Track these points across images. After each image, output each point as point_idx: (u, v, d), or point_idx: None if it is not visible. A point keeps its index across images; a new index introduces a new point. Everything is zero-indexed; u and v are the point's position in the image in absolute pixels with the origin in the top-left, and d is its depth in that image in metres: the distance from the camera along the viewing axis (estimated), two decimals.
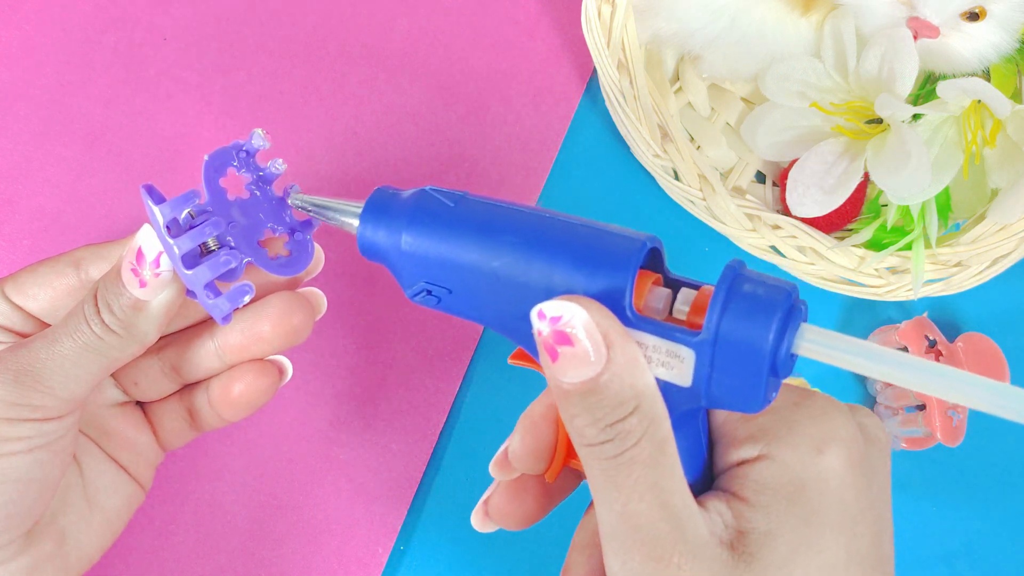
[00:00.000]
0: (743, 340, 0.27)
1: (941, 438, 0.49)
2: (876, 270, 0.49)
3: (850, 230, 0.53)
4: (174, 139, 0.52)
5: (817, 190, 0.49)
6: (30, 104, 0.52)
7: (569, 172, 0.54)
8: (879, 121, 0.48)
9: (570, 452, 0.32)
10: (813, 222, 0.50)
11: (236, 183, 0.35)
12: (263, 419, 0.49)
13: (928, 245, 0.49)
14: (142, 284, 0.33)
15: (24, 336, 0.36)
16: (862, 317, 0.54)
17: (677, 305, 0.29)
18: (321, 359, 0.50)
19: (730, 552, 0.27)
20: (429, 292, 0.31)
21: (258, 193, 0.35)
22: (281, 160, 0.36)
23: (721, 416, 0.30)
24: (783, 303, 0.27)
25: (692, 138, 0.54)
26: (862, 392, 0.53)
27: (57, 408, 0.33)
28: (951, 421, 0.49)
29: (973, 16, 0.46)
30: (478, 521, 0.34)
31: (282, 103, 0.53)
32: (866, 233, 0.50)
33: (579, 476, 0.34)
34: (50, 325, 0.36)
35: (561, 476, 0.34)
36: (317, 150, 0.52)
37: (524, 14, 0.55)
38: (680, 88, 0.55)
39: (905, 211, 0.49)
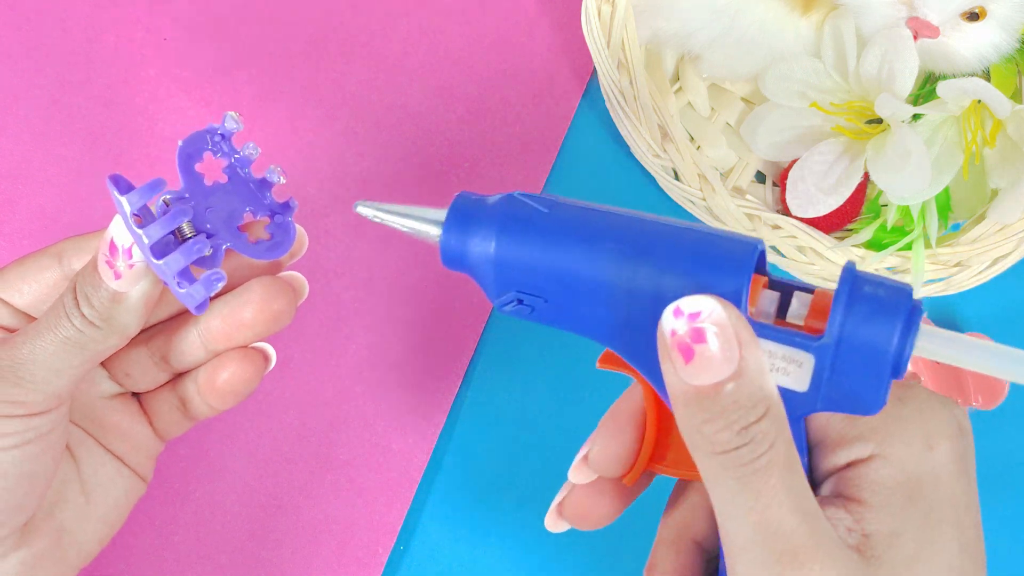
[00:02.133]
0: (867, 343, 0.26)
1: None
2: (876, 270, 0.49)
3: (850, 230, 0.53)
4: (174, 139, 0.52)
5: (817, 190, 0.49)
6: (30, 104, 0.52)
7: (569, 172, 0.54)
8: (879, 121, 0.48)
9: (654, 457, 0.32)
10: (813, 222, 0.50)
11: (215, 168, 0.35)
12: (263, 419, 0.49)
13: (928, 245, 0.49)
14: (117, 276, 0.33)
15: (11, 331, 0.36)
16: None
17: (794, 310, 0.28)
18: (321, 359, 0.50)
19: (859, 555, 0.27)
20: (521, 302, 0.30)
21: (240, 174, 0.35)
22: (253, 143, 0.35)
23: (822, 418, 0.30)
24: (905, 304, 0.26)
25: (692, 138, 0.54)
26: None
27: (42, 403, 0.33)
28: None
29: (973, 16, 0.46)
30: (552, 522, 0.34)
31: (282, 103, 0.53)
32: (866, 233, 0.50)
33: (651, 477, 0.34)
34: (36, 319, 0.35)
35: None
36: (317, 150, 0.52)
37: (524, 14, 0.55)
38: (680, 88, 0.55)
39: (905, 211, 0.49)
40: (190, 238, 0.33)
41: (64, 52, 0.52)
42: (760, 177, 0.55)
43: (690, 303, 0.26)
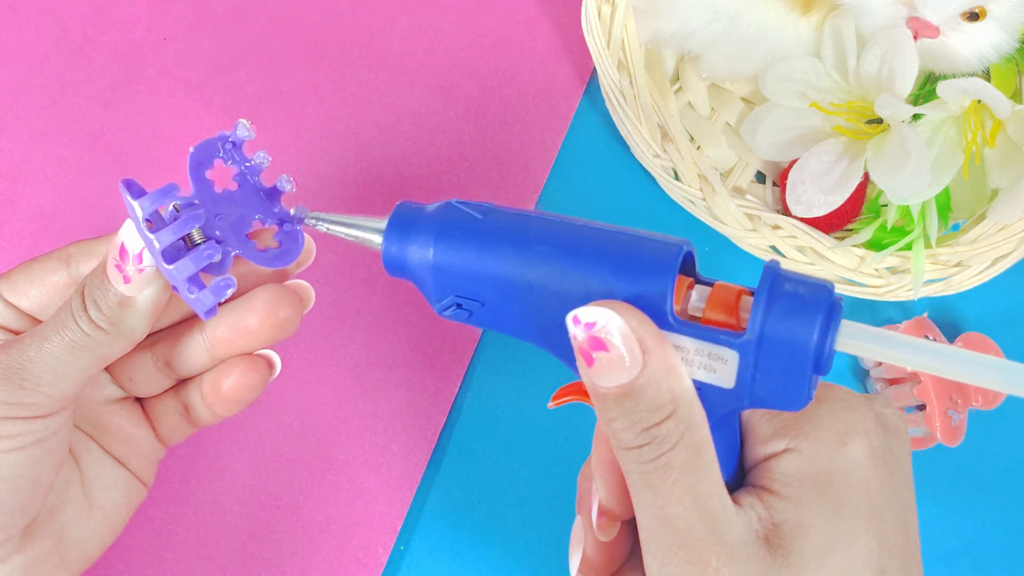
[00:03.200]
0: (788, 339, 0.27)
1: (941, 438, 0.49)
2: (876, 270, 0.49)
3: (850, 230, 0.53)
4: (174, 139, 0.52)
5: (817, 190, 0.49)
6: (30, 104, 0.52)
7: (569, 172, 0.54)
8: (879, 121, 0.48)
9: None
10: (813, 222, 0.50)
11: (225, 175, 0.35)
12: (263, 419, 0.49)
13: (928, 245, 0.49)
14: (126, 280, 0.33)
15: (17, 334, 0.36)
16: (862, 317, 0.54)
17: (693, 301, 0.29)
18: (321, 359, 0.50)
19: (766, 547, 0.28)
20: (459, 306, 0.31)
21: (250, 182, 0.35)
22: (264, 152, 0.35)
23: (748, 413, 0.31)
24: (824, 301, 0.27)
25: (692, 138, 0.54)
26: (860, 390, 0.53)
27: (47, 405, 0.33)
28: (951, 421, 0.49)
29: (973, 16, 0.46)
30: None
31: (282, 103, 0.53)
32: (866, 233, 0.50)
33: None
34: (41, 323, 0.35)
35: None
36: (317, 150, 0.52)
37: (524, 14, 0.55)
38: (680, 88, 0.55)
39: (905, 211, 0.49)
40: (200, 244, 0.33)
41: (64, 52, 0.52)
42: (760, 177, 0.55)
43: (586, 312, 0.27)
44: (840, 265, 0.49)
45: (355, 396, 0.50)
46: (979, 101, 0.47)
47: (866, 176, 0.48)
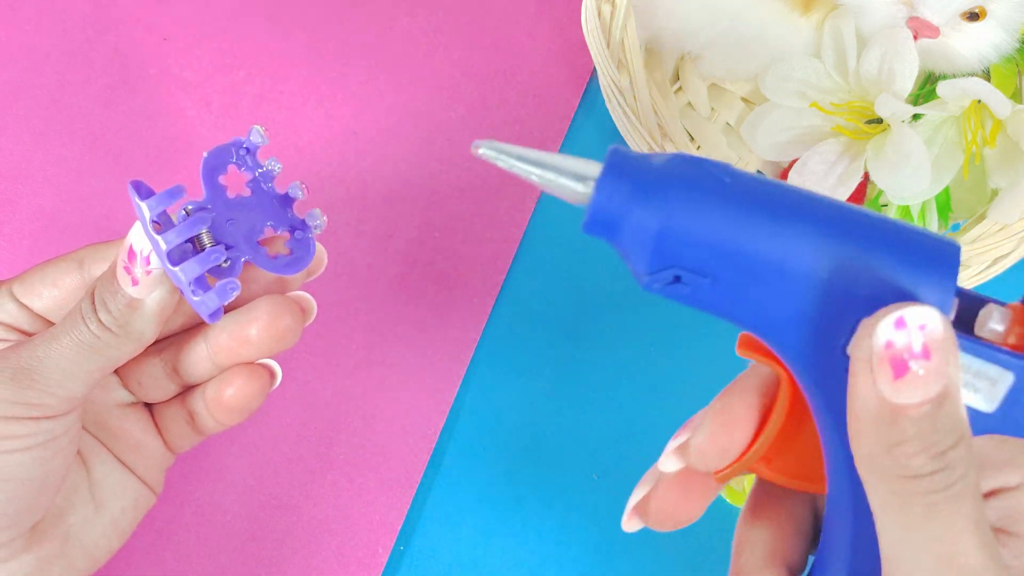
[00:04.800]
0: None
1: None
2: None
3: None
4: (174, 139, 0.52)
5: (817, 190, 0.49)
6: (30, 104, 0.52)
7: None
8: (879, 121, 0.48)
9: (764, 457, 0.30)
10: None
11: (238, 181, 0.35)
12: (263, 419, 0.49)
13: None
14: (134, 282, 0.33)
15: (29, 335, 0.36)
16: None
17: (992, 323, 0.26)
18: (321, 359, 0.50)
19: None
20: (679, 279, 0.26)
21: (264, 188, 0.35)
22: (275, 159, 0.35)
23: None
24: None
25: (692, 138, 0.54)
26: None
27: (55, 406, 0.33)
28: None
29: (973, 16, 0.46)
30: (630, 523, 0.32)
31: (282, 103, 0.53)
32: None
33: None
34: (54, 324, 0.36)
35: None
36: (317, 150, 0.52)
37: (524, 14, 0.55)
38: (680, 88, 0.55)
39: (905, 211, 0.49)
40: (208, 248, 0.33)
41: (64, 52, 0.52)
42: None
43: (917, 314, 0.24)
44: None
45: (355, 396, 0.50)
46: (979, 101, 0.47)
47: (866, 176, 0.48)
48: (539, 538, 0.49)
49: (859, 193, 0.52)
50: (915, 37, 0.46)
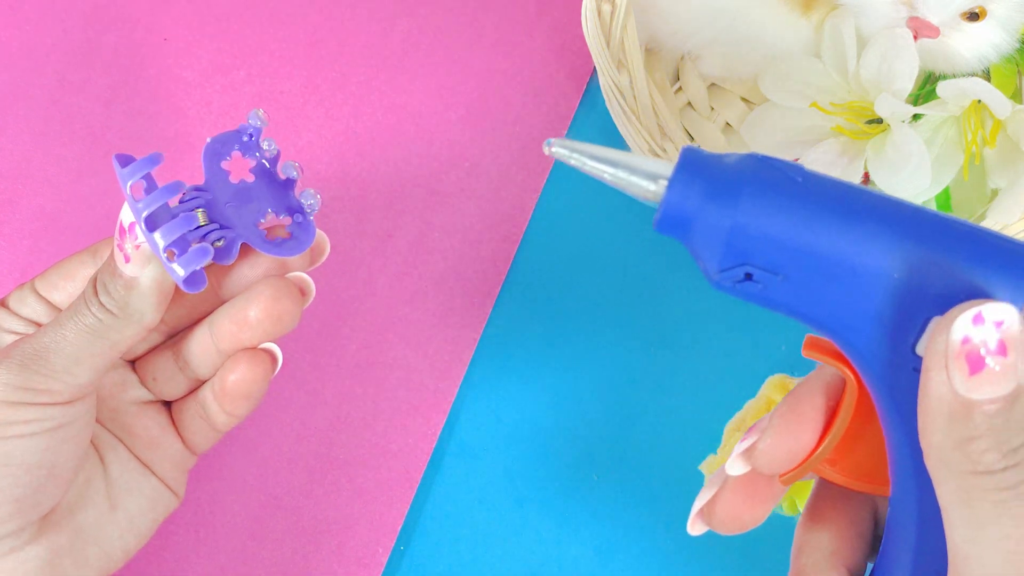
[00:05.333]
0: None
1: None
2: None
3: None
4: (174, 139, 0.52)
5: None
6: (30, 104, 0.52)
7: (569, 172, 0.54)
8: (879, 121, 0.48)
9: (830, 459, 0.30)
10: None
11: (243, 167, 0.35)
12: (263, 419, 0.49)
13: None
14: (127, 259, 0.33)
15: None
16: None
17: None
18: (321, 359, 0.50)
19: None
20: (750, 276, 0.26)
21: (267, 173, 0.35)
22: (271, 140, 0.36)
23: None
24: None
25: (692, 138, 0.54)
26: None
27: (62, 392, 0.34)
28: None
29: (973, 16, 0.46)
30: (698, 527, 0.32)
31: (282, 103, 0.53)
32: None
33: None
34: None
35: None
36: (317, 150, 0.52)
37: (524, 14, 0.55)
38: (680, 88, 0.55)
39: None
40: (202, 227, 0.34)
41: (64, 52, 0.52)
42: None
43: (994, 310, 0.24)
44: None
45: (355, 396, 0.50)
46: (979, 101, 0.47)
47: (866, 176, 0.48)
48: (539, 538, 0.49)
49: None
50: (915, 37, 0.46)
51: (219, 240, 0.34)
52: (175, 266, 0.33)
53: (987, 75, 0.50)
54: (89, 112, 0.52)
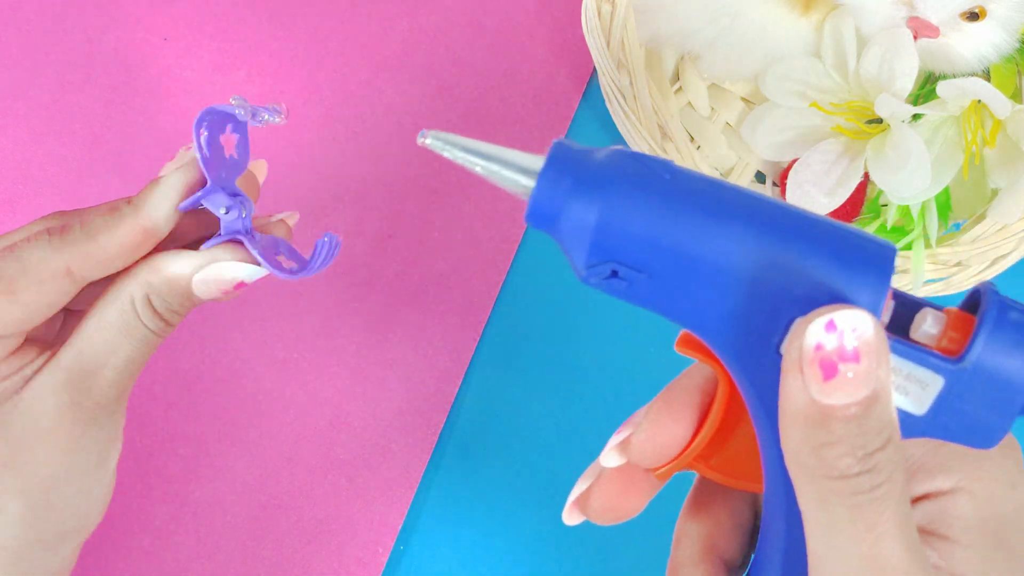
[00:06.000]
0: (1007, 374, 0.24)
1: None
2: None
3: None
4: (174, 139, 0.52)
5: (817, 190, 0.49)
6: (30, 104, 0.52)
7: None
8: (879, 121, 0.48)
9: (702, 455, 0.30)
10: None
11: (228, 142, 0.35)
12: (263, 419, 0.49)
13: (928, 245, 0.49)
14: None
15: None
16: None
17: (925, 328, 0.26)
18: (321, 359, 0.50)
19: None
20: (616, 274, 0.26)
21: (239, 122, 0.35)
22: (238, 97, 0.35)
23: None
24: None
25: (692, 138, 0.54)
26: None
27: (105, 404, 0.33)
28: None
29: (973, 16, 0.46)
30: (570, 515, 0.32)
31: (282, 103, 0.53)
32: None
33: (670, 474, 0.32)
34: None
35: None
36: (317, 150, 0.52)
37: (524, 14, 0.55)
38: (680, 88, 0.55)
39: (905, 211, 0.49)
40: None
41: (64, 52, 0.52)
42: (760, 177, 0.55)
43: (847, 317, 0.24)
44: None
45: (355, 396, 0.50)
46: (979, 101, 0.47)
47: (866, 176, 0.48)
48: (539, 538, 0.49)
49: (859, 193, 0.52)
50: (915, 37, 0.46)
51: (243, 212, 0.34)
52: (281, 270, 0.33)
53: (987, 75, 0.50)
54: (89, 112, 0.52)
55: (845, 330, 0.23)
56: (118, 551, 0.47)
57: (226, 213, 0.33)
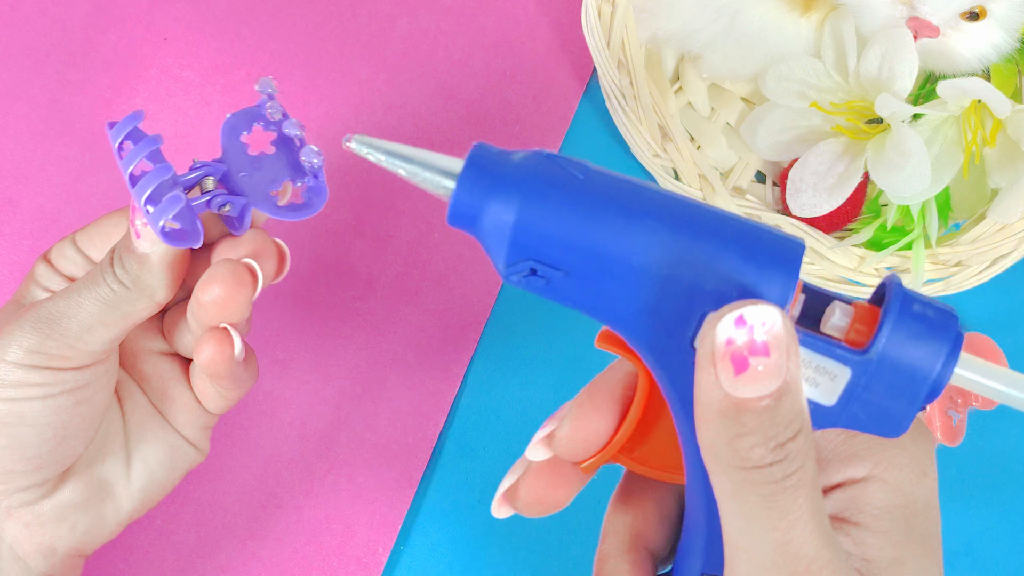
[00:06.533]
0: (910, 364, 0.25)
1: (941, 438, 0.49)
2: (876, 270, 0.49)
3: (850, 230, 0.53)
4: (174, 139, 0.52)
5: (817, 190, 0.49)
6: (30, 104, 0.52)
7: None
8: (879, 121, 0.48)
9: (624, 448, 0.30)
10: (813, 222, 0.50)
11: (264, 140, 0.36)
12: (263, 419, 0.49)
13: (928, 245, 0.49)
14: (137, 235, 0.34)
15: None
16: None
17: (835, 320, 0.27)
18: (321, 359, 0.50)
19: None
20: (534, 272, 0.27)
21: (287, 144, 0.36)
22: (296, 121, 0.36)
23: (817, 432, 0.28)
24: (952, 329, 0.25)
25: (692, 138, 0.54)
26: None
27: (74, 358, 0.34)
28: (951, 421, 0.49)
29: (973, 16, 0.46)
30: (503, 509, 0.33)
31: (282, 103, 0.53)
32: (866, 233, 0.50)
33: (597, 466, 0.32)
34: None
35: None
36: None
37: (524, 14, 0.55)
38: (680, 88, 0.55)
39: (905, 211, 0.49)
40: (211, 191, 0.35)
41: (64, 52, 0.52)
42: (760, 177, 0.55)
43: (756, 312, 0.24)
44: (840, 265, 0.49)
45: (355, 396, 0.50)
46: (979, 101, 0.47)
47: (866, 176, 0.48)
48: (539, 538, 0.49)
49: (859, 193, 0.52)
50: (915, 37, 0.46)
51: (225, 205, 0.35)
52: (151, 215, 0.33)
53: (987, 75, 0.50)
54: (89, 112, 0.52)
55: (755, 325, 0.24)
56: (118, 551, 0.47)
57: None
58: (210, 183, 0.35)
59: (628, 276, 0.26)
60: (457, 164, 0.27)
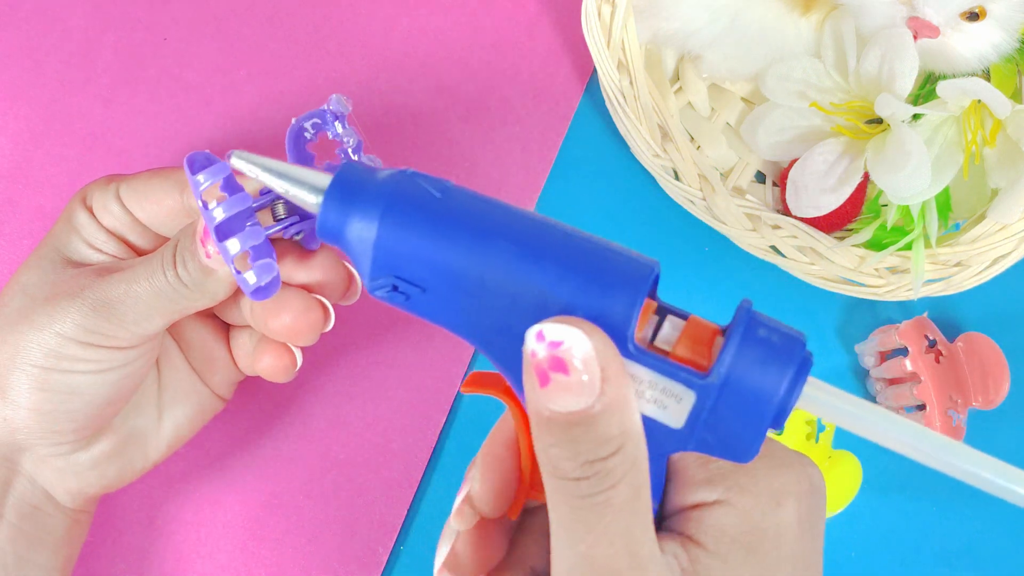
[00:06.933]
0: (753, 389, 0.25)
1: None
2: (876, 270, 0.49)
3: (850, 230, 0.53)
4: (174, 139, 0.52)
5: (817, 190, 0.49)
6: (30, 104, 0.52)
7: (569, 172, 0.54)
8: (879, 121, 0.48)
9: (534, 484, 0.31)
10: (813, 222, 0.50)
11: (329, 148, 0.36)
12: (263, 419, 0.49)
13: (928, 245, 0.49)
14: (207, 256, 0.35)
15: (124, 240, 0.39)
16: (862, 317, 0.54)
17: (665, 334, 0.27)
18: (321, 359, 0.50)
19: None
20: (396, 288, 0.28)
21: (352, 157, 0.36)
22: (354, 135, 0.36)
23: (678, 454, 0.29)
24: (798, 354, 0.26)
25: (692, 138, 0.54)
26: (861, 390, 0.53)
27: (128, 339, 0.36)
28: (951, 421, 0.49)
29: (973, 16, 0.46)
30: None
31: (282, 103, 0.53)
32: (866, 233, 0.50)
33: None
34: (152, 233, 0.39)
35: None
36: (316, 150, 0.52)
37: (524, 14, 0.55)
38: (680, 88, 0.55)
39: (905, 211, 0.49)
40: (282, 219, 0.35)
41: (64, 52, 0.52)
42: (760, 177, 0.55)
43: (554, 330, 0.25)
44: (840, 265, 0.49)
45: (355, 396, 0.50)
46: (979, 101, 0.47)
47: (866, 176, 0.48)
48: None
49: (859, 193, 0.52)
50: (915, 37, 0.46)
51: (298, 234, 0.35)
52: (244, 278, 0.34)
53: (987, 75, 0.50)
54: (89, 112, 0.52)
55: (554, 341, 0.25)
56: (118, 550, 0.47)
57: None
58: (281, 209, 0.34)
59: (481, 293, 0.27)
60: (327, 181, 0.28)
